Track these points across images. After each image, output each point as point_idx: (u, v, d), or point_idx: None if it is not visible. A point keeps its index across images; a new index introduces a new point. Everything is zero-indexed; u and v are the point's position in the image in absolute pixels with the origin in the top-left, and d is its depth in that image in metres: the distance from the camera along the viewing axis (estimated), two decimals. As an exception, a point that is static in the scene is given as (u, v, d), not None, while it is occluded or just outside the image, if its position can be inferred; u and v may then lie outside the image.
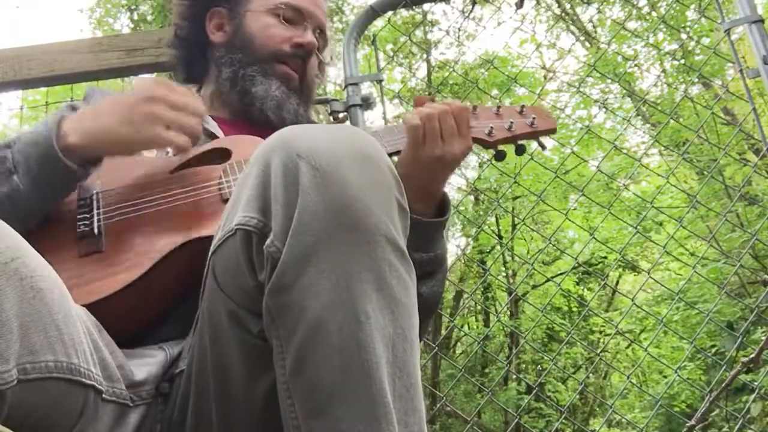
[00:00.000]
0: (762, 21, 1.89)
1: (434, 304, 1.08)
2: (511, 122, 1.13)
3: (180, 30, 1.32)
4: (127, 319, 0.94)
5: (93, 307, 0.87)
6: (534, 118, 1.14)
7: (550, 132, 1.17)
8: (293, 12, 1.26)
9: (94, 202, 1.02)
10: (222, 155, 1.08)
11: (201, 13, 1.30)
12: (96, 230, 0.97)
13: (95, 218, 0.98)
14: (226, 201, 1.00)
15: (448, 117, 1.03)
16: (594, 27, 8.73)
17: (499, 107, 1.15)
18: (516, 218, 7.93)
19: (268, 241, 0.70)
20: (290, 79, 1.25)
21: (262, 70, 1.23)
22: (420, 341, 1.11)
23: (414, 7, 2.23)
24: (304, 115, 1.26)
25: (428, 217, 1.06)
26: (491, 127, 1.12)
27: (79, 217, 0.99)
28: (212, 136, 1.16)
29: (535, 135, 1.16)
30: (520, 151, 1.16)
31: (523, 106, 1.16)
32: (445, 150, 1.03)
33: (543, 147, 1.20)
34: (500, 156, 1.15)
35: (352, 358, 0.65)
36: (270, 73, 1.23)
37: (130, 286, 0.92)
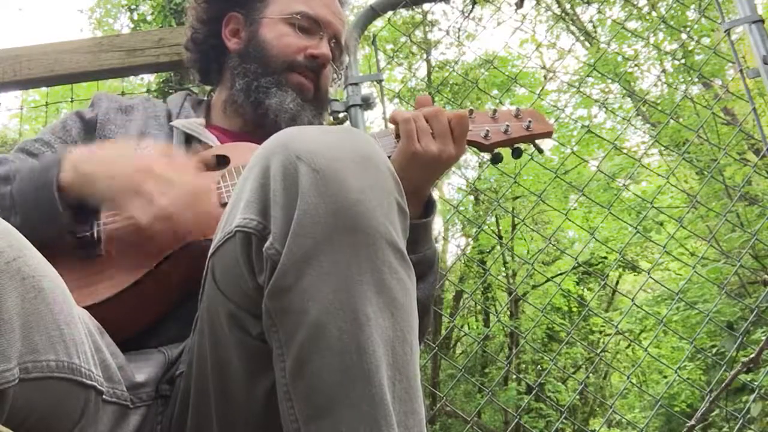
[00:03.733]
0: (762, 21, 1.89)
1: (427, 306, 1.08)
2: (507, 125, 1.13)
3: (196, 33, 1.30)
4: (127, 322, 0.94)
5: (93, 310, 0.87)
6: (530, 121, 1.14)
7: (547, 135, 1.16)
8: (309, 21, 1.24)
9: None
10: (220, 162, 1.09)
11: (218, 17, 1.29)
12: (95, 235, 0.97)
13: (95, 223, 0.99)
14: (224, 206, 1.00)
15: (441, 116, 1.03)
16: (594, 27, 8.73)
17: (495, 111, 1.15)
18: (516, 218, 7.93)
19: (267, 244, 0.70)
20: (305, 89, 1.23)
21: (276, 81, 1.21)
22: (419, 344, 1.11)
23: (414, 7, 2.23)
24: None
25: (415, 217, 1.06)
26: (487, 131, 1.12)
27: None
28: (206, 147, 1.15)
29: (531, 138, 1.15)
30: (517, 154, 1.16)
31: (518, 110, 1.16)
32: (441, 148, 1.03)
33: (540, 150, 1.19)
34: (496, 159, 1.15)
35: (352, 360, 0.65)
36: (284, 84, 1.21)
37: (129, 289, 0.93)
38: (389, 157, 1.06)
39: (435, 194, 1.13)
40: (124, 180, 0.93)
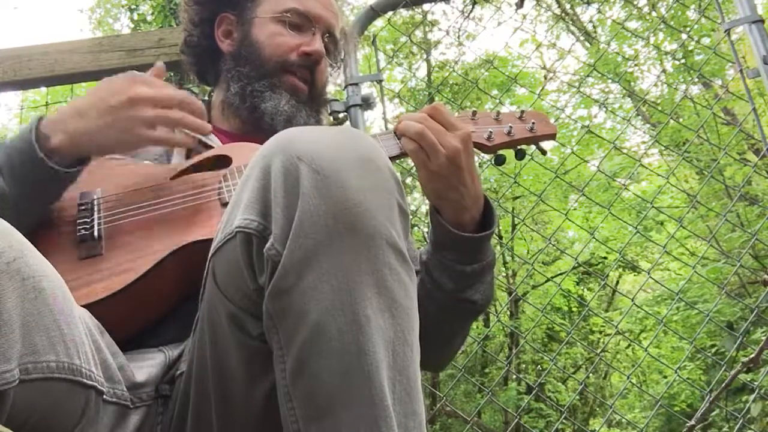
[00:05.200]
0: (762, 21, 1.89)
1: (485, 307, 1.07)
2: (511, 127, 1.12)
3: (189, 36, 1.30)
4: (127, 321, 0.94)
5: (92, 308, 0.87)
6: (534, 123, 1.14)
7: (550, 137, 1.16)
8: (300, 18, 1.23)
9: (95, 207, 1.02)
10: (222, 162, 1.09)
11: (210, 18, 1.28)
12: (96, 234, 0.98)
13: (95, 222, 0.99)
14: (225, 205, 1.00)
15: (429, 122, 1.00)
16: (594, 27, 8.73)
17: (498, 112, 1.15)
18: (516, 218, 7.93)
19: (268, 244, 0.70)
20: (299, 90, 1.23)
21: (270, 84, 1.20)
22: (463, 341, 1.11)
23: (414, 7, 2.23)
24: (316, 125, 1.24)
25: (476, 221, 1.03)
26: (490, 132, 1.11)
27: (79, 221, 1.00)
28: (208, 148, 1.15)
29: (534, 140, 1.15)
30: (520, 155, 1.15)
31: (522, 111, 1.16)
32: (447, 151, 1.00)
33: (543, 152, 1.19)
34: (500, 160, 1.15)
35: (352, 361, 0.65)
36: (278, 86, 1.21)
37: (128, 288, 0.93)
38: (391, 158, 1.06)
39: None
40: (114, 121, 0.95)
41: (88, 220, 1.00)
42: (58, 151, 0.95)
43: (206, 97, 1.36)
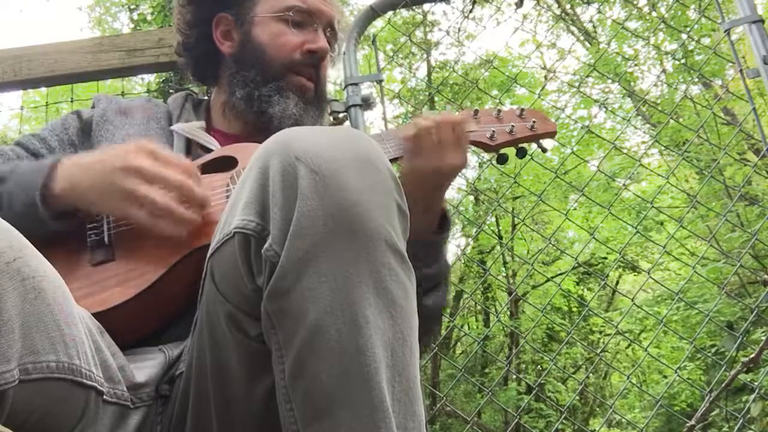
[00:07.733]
0: (762, 21, 1.89)
1: (439, 314, 1.09)
2: (512, 126, 1.14)
3: (186, 38, 1.27)
4: (140, 325, 0.94)
5: (108, 314, 0.88)
6: (534, 121, 1.15)
7: (550, 135, 1.18)
8: (302, 15, 1.22)
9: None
10: (228, 164, 1.08)
11: (206, 19, 1.25)
12: (106, 240, 0.97)
13: (105, 227, 0.98)
14: None
15: (447, 128, 1.03)
16: (594, 27, 8.73)
17: (499, 111, 1.16)
18: (516, 218, 7.93)
19: (266, 245, 0.70)
20: (306, 90, 1.21)
21: (277, 87, 1.18)
22: (426, 349, 1.11)
23: (414, 7, 2.23)
24: (322, 125, 1.24)
25: (431, 230, 1.06)
26: (493, 131, 1.13)
27: (89, 226, 0.99)
28: (207, 150, 1.14)
29: (535, 138, 1.17)
30: (521, 153, 1.17)
31: (522, 110, 1.17)
32: (443, 162, 1.03)
33: (544, 150, 1.21)
34: (502, 159, 1.16)
35: (351, 362, 0.65)
36: (285, 89, 1.19)
37: (143, 293, 0.92)
38: (392, 161, 1.06)
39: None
40: (106, 185, 0.92)
41: (98, 225, 0.99)
42: (57, 198, 0.94)
43: (206, 96, 1.35)
